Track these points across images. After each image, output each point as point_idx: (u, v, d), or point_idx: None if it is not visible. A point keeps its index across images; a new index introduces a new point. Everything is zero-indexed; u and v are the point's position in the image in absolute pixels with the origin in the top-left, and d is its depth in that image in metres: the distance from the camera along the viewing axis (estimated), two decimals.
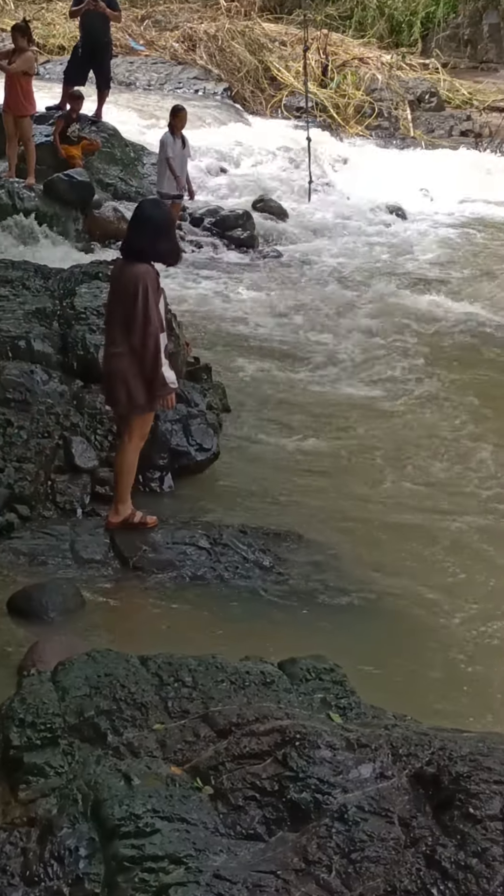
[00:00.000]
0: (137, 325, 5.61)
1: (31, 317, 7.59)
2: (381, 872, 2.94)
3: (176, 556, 5.74)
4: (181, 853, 2.98)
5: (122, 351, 5.72)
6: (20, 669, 4.37)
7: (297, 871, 2.97)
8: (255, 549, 5.87)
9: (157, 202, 6.67)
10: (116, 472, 6.01)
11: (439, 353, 9.89)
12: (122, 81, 18.89)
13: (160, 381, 5.67)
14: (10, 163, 12.26)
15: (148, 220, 5.71)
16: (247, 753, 3.31)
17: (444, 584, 5.88)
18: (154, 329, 5.60)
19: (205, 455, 7.01)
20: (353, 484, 7.12)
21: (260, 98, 20.21)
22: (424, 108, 21.01)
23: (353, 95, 20.24)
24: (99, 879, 2.99)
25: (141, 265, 5.65)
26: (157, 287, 5.67)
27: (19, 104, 11.87)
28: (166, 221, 5.88)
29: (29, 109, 12.03)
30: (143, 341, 5.63)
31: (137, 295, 5.57)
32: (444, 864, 2.92)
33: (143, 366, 5.66)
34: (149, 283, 5.60)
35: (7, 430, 6.43)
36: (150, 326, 5.60)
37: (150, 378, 5.67)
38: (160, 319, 5.65)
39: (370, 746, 3.32)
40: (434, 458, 7.58)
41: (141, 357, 5.66)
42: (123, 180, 13.64)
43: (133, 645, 4.29)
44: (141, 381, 5.69)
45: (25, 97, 11.88)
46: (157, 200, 7.44)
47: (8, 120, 12.04)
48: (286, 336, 10.14)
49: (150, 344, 5.61)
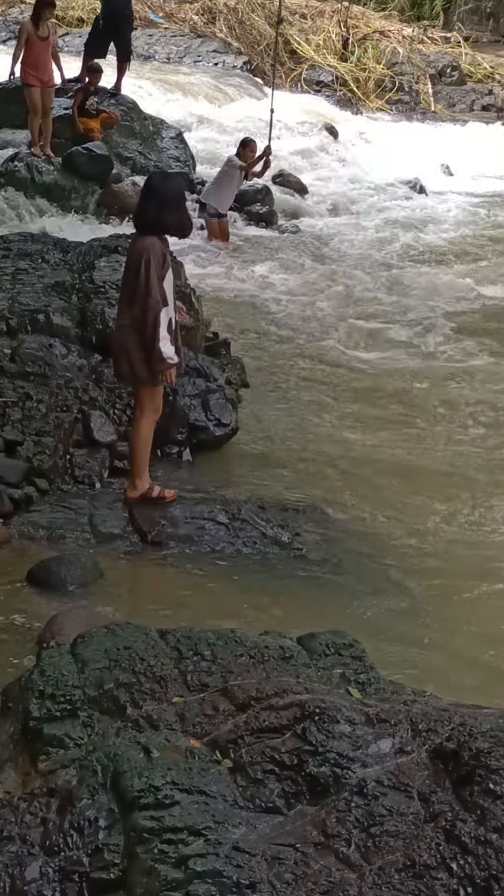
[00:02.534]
0: (139, 297, 5.59)
1: (50, 290, 7.58)
2: (401, 846, 2.93)
3: (194, 531, 5.74)
4: (200, 825, 2.98)
5: (127, 323, 5.72)
6: (39, 641, 4.38)
7: (316, 845, 2.97)
8: (274, 524, 5.86)
9: (166, 174, 6.61)
10: (131, 447, 6.01)
11: (462, 328, 9.83)
12: (141, 54, 18.80)
13: (157, 356, 5.61)
14: (34, 136, 12.23)
15: (155, 192, 5.68)
16: (266, 727, 3.31)
17: (467, 560, 5.86)
18: (154, 302, 5.55)
19: (223, 430, 7.00)
20: (373, 460, 7.09)
21: (280, 72, 20.08)
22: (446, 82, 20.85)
23: (373, 69, 20.10)
24: (118, 850, 3.00)
25: (148, 237, 5.62)
26: (162, 260, 5.57)
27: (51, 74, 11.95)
28: (174, 193, 5.79)
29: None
30: (143, 314, 5.60)
31: (140, 267, 5.55)
32: (464, 838, 2.91)
33: (143, 339, 5.64)
34: (152, 256, 5.54)
35: (26, 403, 6.44)
36: (150, 299, 5.56)
37: (149, 351, 5.64)
38: (162, 293, 5.57)
39: (389, 721, 3.31)
40: (461, 432, 7.54)
41: (141, 330, 5.63)
42: (142, 154, 13.58)
43: (152, 618, 4.29)
44: (142, 353, 5.67)
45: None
46: (165, 172, 7.37)
47: (36, 92, 12.01)
48: (305, 312, 10.10)
49: (150, 317, 5.57)
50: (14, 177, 12.04)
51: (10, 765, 3.36)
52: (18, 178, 12.03)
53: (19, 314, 7.19)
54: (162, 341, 5.59)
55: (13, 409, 6.38)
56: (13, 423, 6.28)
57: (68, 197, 12.06)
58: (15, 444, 6.13)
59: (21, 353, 6.82)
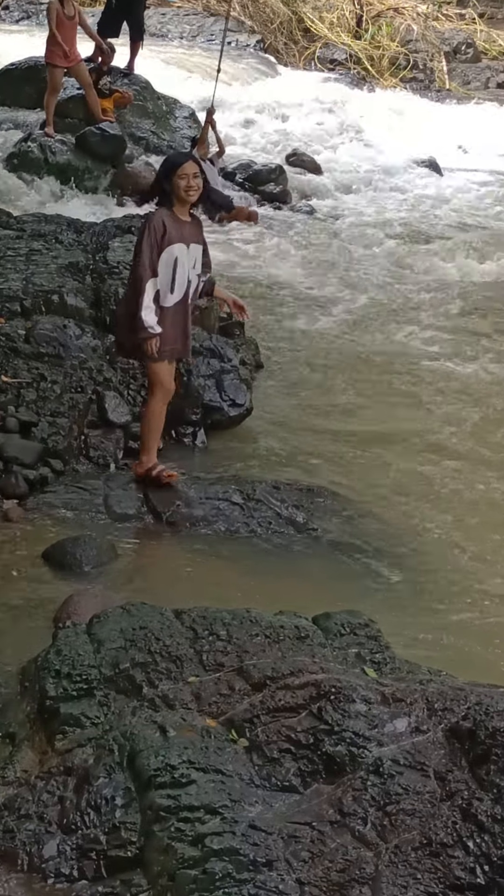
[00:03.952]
0: (133, 266, 5.71)
1: (64, 271, 7.57)
2: (417, 825, 2.94)
3: (209, 511, 5.74)
4: (217, 804, 2.99)
5: (128, 293, 5.82)
6: (55, 622, 4.40)
7: (333, 823, 2.98)
8: (289, 504, 5.85)
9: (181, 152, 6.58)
10: (141, 422, 6.03)
11: (476, 310, 9.78)
12: (154, 33, 18.69)
13: (140, 325, 5.58)
14: (49, 116, 12.19)
15: (163, 163, 5.80)
16: (282, 707, 3.32)
17: (482, 541, 5.84)
18: (141, 269, 5.55)
19: (238, 411, 6.99)
20: (387, 441, 7.07)
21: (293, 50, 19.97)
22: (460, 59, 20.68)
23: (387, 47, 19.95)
24: (135, 828, 3.01)
25: (157, 210, 5.64)
26: (163, 233, 5.52)
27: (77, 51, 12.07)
28: (167, 163, 5.78)
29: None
30: (132, 282, 5.68)
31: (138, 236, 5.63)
32: (481, 817, 2.91)
33: (131, 308, 5.65)
34: (149, 225, 5.55)
35: (41, 384, 6.44)
36: (138, 268, 5.58)
37: (132, 321, 5.62)
38: (153, 263, 5.54)
39: (405, 701, 3.31)
40: (474, 415, 7.50)
41: (130, 299, 5.67)
42: (156, 134, 13.51)
43: (167, 598, 4.29)
44: (129, 323, 5.68)
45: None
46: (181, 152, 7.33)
47: (59, 72, 11.99)
48: (320, 293, 10.06)
49: (137, 285, 5.59)
50: (27, 157, 12.01)
51: (27, 744, 3.38)
52: (31, 158, 12.00)
53: (33, 295, 7.19)
54: (144, 310, 5.55)
55: (28, 390, 6.38)
56: (28, 404, 6.29)
57: (82, 177, 12.02)
58: (30, 426, 6.13)
59: (35, 334, 6.82)
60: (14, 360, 6.58)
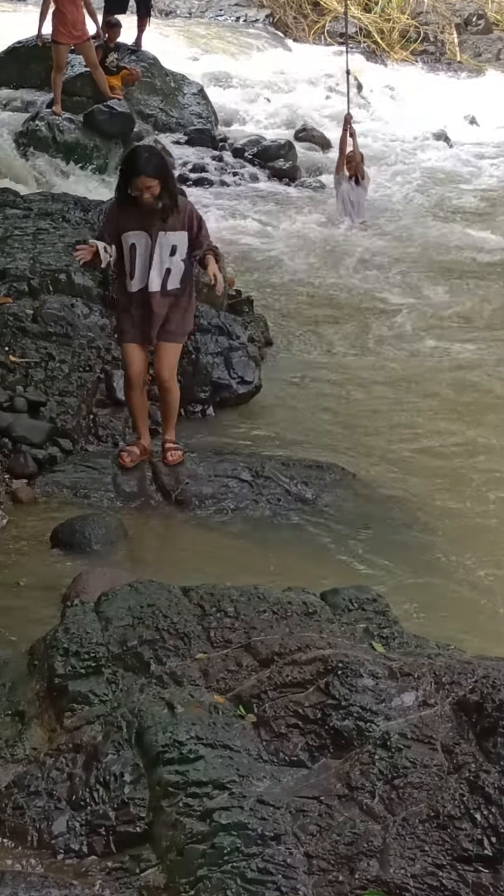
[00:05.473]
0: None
1: (72, 250, 7.53)
2: (424, 798, 2.94)
3: (218, 489, 5.73)
4: (225, 779, 3.00)
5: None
6: (64, 600, 4.41)
7: (340, 797, 2.99)
8: (298, 481, 5.84)
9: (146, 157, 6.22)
10: None
11: (488, 287, 9.71)
12: (161, 9, 18.57)
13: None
14: (56, 94, 12.13)
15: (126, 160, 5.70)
16: (289, 682, 3.32)
17: (493, 517, 5.82)
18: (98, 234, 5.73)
19: (246, 388, 6.98)
20: (397, 418, 7.05)
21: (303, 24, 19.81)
22: (471, 30, 20.47)
23: (398, 19, 19.76)
24: (144, 804, 3.03)
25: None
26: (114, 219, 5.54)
27: (84, 29, 11.94)
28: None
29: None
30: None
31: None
32: (488, 789, 2.91)
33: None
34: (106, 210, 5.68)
35: (49, 363, 6.44)
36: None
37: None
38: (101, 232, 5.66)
39: (413, 675, 3.31)
40: (485, 394, 7.46)
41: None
42: (164, 111, 13.45)
43: (175, 576, 4.30)
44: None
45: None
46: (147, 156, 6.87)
47: (64, 49, 11.90)
48: (329, 270, 10.01)
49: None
50: (35, 136, 11.97)
51: (36, 721, 3.40)
52: (39, 137, 11.96)
53: (41, 274, 7.17)
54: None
55: (36, 369, 6.38)
56: (36, 383, 6.29)
57: (90, 156, 11.97)
58: (38, 405, 6.14)
59: (43, 314, 6.81)
60: (22, 340, 6.58)
